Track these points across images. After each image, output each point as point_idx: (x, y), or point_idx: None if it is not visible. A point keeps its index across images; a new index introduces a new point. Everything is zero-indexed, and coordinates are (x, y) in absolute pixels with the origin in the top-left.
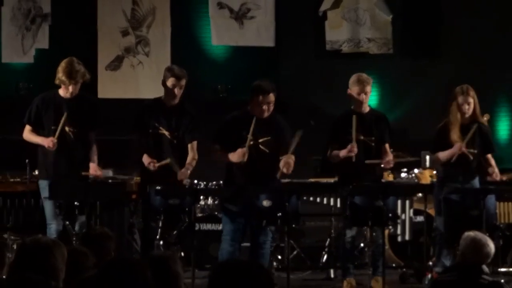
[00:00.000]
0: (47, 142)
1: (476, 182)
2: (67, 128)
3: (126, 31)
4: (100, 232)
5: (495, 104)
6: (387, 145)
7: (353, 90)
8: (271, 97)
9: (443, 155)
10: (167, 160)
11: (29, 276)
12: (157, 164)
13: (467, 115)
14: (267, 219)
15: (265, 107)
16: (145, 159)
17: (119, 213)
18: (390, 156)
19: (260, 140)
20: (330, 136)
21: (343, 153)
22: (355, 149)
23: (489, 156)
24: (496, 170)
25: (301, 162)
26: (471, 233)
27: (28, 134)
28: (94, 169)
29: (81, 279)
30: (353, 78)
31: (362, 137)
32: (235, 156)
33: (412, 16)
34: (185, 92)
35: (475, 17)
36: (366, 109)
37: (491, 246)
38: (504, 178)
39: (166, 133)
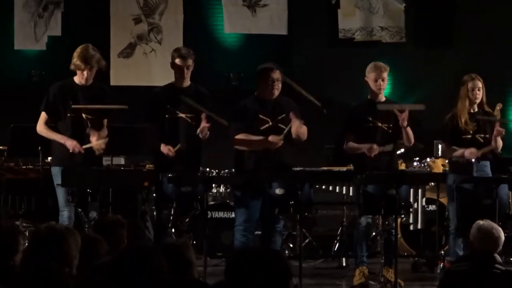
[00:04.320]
0: (71, 144)
1: (488, 169)
2: (84, 115)
3: (139, 18)
4: (113, 220)
5: (508, 93)
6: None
7: (369, 76)
8: (277, 73)
9: (456, 153)
10: (179, 146)
11: (43, 262)
12: (173, 150)
13: (477, 101)
14: (280, 207)
15: (274, 85)
16: (163, 148)
17: (131, 201)
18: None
19: (279, 118)
20: (346, 125)
21: (363, 149)
22: (376, 151)
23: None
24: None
25: (313, 151)
26: (479, 222)
27: (44, 129)
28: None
29: (94, 266)
30: (370, 65)
31: (379, 124)
32: (271, 143)
33: (425, 5)
34: (197, 79)
35: (488, 5)
36: (382, 98)
37: (500, 235)
38: None
39: (183, 115)
